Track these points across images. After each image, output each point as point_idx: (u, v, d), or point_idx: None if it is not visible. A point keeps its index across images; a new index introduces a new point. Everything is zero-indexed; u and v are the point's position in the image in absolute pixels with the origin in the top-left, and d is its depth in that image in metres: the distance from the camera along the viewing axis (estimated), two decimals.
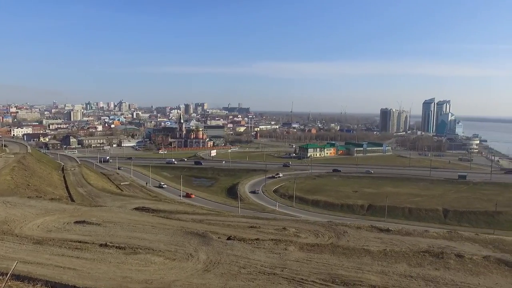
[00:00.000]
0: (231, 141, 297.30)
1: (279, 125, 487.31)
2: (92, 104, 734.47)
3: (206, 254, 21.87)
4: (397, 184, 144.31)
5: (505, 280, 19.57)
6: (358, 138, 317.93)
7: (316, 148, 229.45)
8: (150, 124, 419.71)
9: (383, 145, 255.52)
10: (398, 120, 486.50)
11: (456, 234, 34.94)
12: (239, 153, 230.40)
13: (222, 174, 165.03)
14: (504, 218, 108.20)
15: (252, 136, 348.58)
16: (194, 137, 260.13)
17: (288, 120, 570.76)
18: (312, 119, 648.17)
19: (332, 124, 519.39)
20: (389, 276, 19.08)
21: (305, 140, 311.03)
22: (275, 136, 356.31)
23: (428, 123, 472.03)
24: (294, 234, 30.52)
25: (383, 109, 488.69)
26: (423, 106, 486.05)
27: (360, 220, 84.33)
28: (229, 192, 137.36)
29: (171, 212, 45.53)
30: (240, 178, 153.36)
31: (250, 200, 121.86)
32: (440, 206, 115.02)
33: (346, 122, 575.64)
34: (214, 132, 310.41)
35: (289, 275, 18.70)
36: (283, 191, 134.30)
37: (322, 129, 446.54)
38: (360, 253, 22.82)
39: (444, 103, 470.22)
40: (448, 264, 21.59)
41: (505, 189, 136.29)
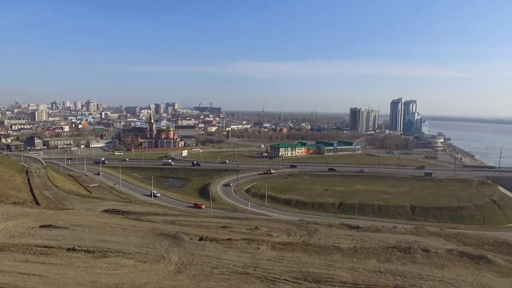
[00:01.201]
0: (202, 141, 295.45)
1: (251, 125, 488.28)
2: (58, 103, 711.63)
3: (178, 255, 21.64)
4: (367, 182, 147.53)
5: (466, 271, 20.43)
6: (329, 137, 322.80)
7: (288, 148, 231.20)
8: (120, 124, 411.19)
9: (353, 144, 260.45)
10: (367, 119, 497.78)
11: (422, 229, 36.13)
12: (211, 153, 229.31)
13: (194, 174, 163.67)
14: (467, 213, 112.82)
15: (224, 136, 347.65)
16: (165, 137, 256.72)
17: (260, 119, 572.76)
18: (283, 118, 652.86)
19: (303, 124, 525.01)
20: (359, 272, 19.49)
21: (277, 139, 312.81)
22: (246, 136, 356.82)
23: (396, 122, 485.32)
24: (266, 233, 30.67)
25: (352, 108, 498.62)
26: (391, 106, 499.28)
27: (331, 218, 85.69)
28: (201, 193, 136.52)
29: (142, 213, 44.78)
30: (212, 178, 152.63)
31: (222, 200, 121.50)
32: (408, 203, 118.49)
33: (317, 121, 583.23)
34: (185, 132, 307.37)
35: (261, 274, 18.77)
36: (255, 190, 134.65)
37: (293, 129, 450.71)
38: (331, 251, 23.19)
39: (410, 102, 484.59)
40: (415, 259, 22.28)
41: (467, 185, 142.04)
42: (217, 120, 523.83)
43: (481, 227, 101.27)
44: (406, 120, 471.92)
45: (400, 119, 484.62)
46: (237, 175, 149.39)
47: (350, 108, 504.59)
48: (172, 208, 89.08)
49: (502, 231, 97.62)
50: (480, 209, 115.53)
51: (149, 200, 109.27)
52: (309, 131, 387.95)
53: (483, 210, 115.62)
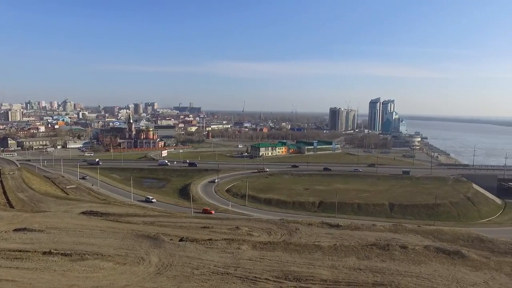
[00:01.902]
0: (182, 141, 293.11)
1: (231, 125, 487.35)
2: (33, 103, 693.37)
3: (158, 256, 21.44)
4: (346, 181, 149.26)
5: (442, 266, 21.00)
6: (309, 136, 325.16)
7: (268, 147, 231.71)
8: (98, 125, 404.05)
9: (332, 143, 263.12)
10: (346, 119, 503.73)
11: (400, 226, 36.92)
12: (191, 153, 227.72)
13: (174, 174, 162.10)
14: (443, 210, 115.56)
15: (204, 136, 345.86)
16: (144, 137, 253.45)
17: (240, 119, 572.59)
18: (264, 118, 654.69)
19: (284, 123, 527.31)
20: (339, 270, 19.75)
21: (257, 139, 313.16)
22: (227, 136, 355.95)
23: (375, 121, 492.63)
24: (247, 233, 30.72)
25: (332, 108, 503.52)
26: (370, 106, 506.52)
27: (311, 217, 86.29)
28: (181, 193, 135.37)
29: (121, 215, 44.18)
30: (192, 178, 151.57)
31: (203, 201, 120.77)
32: (386, 201, 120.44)
33: (297, 121, 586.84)
34: (165, 132, 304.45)
35: (242, 274, 18.79)
36: (235, 190, 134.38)
37: (274, 128, 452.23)
38: (312, 249, 23.41)
39: (388, 102, 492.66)
40: (394, 255, 22.74)
41: (443, 183, 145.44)
42: (197, 120, 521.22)
43: (457, 223, 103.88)
44: (385, 120, 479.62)
45: (379, 118, 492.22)
46: (217, 175, 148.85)
47: (330, 108, 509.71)
48: (152, 209, 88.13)
49: (476, 227, 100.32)
50: (455, 206, 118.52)
51: (128, 201, 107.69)
52: (289, 131, 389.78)
53: (458, 207, 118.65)
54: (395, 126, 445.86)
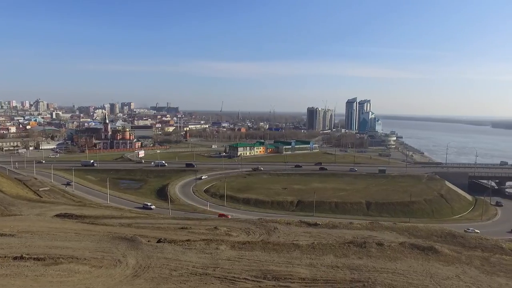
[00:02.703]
0: (160, 141, 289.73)
1: (209, 125, 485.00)
2: (3, 103, 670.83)
3: (135, 258, 21.14)
4: (324, 180, 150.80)
5: (417, 262, 21.57)
6: (287, 136, 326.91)
7: (246, 147, 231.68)
8: (72, 125, 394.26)
9: (310, 143, 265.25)
10: (324, 118, 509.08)
11: (377, 224, 37.67)
12: (169, 153, 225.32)
13: (151, 175, 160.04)
14: (417, 207, 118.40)
15: (182, 136, 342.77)
16: (120, 138, 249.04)
17: (218, 119, 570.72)
18: (242, 118, 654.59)
19: (262, 123, 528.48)
20: (317, 268, 19.98)
21: (235, 139, 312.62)
22: (205, 136, 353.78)
23: (351, 121, 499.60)
24: (225, 233, 30.68)
25: (309, 108, 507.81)
26: (346, 105, 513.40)
27: (290, 216, 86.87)
28: (159, 194, 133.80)
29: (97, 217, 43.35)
30: (170, 179, 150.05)
31: (181, 201, 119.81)
32: (363, 199, 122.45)
33: (275, 121, 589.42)
34: (142, 132, 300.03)
35: (221, 274, 18.75)
36: (214, 190, 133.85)
37: (252, 128, 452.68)
38: (290, 248, 23.59)
39: (365, 102, 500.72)
40: (370, 253, 23.17)
41: (418, 181, 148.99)
42: (175, 120, 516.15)
43: (431, 220, 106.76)
44: (361, 119, 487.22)
45: (355, 118, 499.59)
46: (195, 175, 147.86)
47: (307, 107, 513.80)
48: (129, 210, 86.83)
49: (449, 223, 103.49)
50: (430, 203, 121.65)
51: (105, 203, 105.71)
52: (267, 131, 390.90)
53: (432, 204, 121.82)
54: (371, 125, 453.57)
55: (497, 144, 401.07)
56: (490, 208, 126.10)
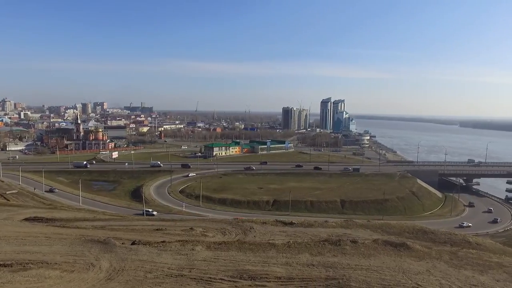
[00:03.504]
0: (134, 141, 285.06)
1: (184, 125, 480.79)
2: None
3: (109, 261, 20.73)
4: (299, 179, 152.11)
5: (390, 258, 22.11)
6: (262, 136, 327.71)
7: (222, 147, 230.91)
8: (42, 125, 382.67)
9: (285, 143, 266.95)
10: (299, 118, 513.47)
11: (351, 222, 38.34)
12: (143, 153, 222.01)
13: (125, 176, 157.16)
14: (390, 205, 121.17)
15: (156, 136, 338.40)
16: (93, 138, 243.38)
17: (193, 119, 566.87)
18: (217, 118, 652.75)
19: (237, 123, 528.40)
20: (293, 267, 20.15)
21: (210, 139, 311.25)
22: (180, 136, 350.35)
23: (326, 121, 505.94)
24: (201, 233, 30.51)
25: (285, 108, 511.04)
26: (321, 105, 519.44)
27: (266, 216, 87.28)
28: (134, 195, 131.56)
29: (69, 220, 42.29)
30: (145, 180, 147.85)
31: (156, 202, 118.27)
32: (338, 198, 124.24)
33: (250, 120, 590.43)
34: (115, 132, 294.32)
35: (197, 275, 18.64)
36: (189, 191, 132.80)
37: (227, 128, 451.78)
38: (266, 247, 23.69)
39: (339, 102, 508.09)
40: (345, 250, 23.56)
41: (390, 179, 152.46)
42: (149, 120, 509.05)
43: (403, 217, 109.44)
44: (335, 119, 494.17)
45: (330, 118, 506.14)
46: (170, 175, 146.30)
47: (283, 107, 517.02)
48: (102, 212, 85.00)
49: (420, 219, 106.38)
50: (402, 201, 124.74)
51: (77, 205, 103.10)
52: (242, 131, 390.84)
53: (404, 201, 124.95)
54: (345, 125, 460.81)
55: (465, 142, 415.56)
56: (459, 205, 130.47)
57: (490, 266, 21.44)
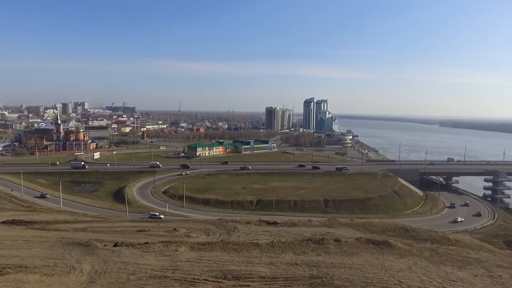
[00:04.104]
0: (116, 142, 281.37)
1: (167, 125, 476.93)
2: None
3: (91, 264, 20.41)
4: (283, 179, 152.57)
5: (372, 256, 22.39)
6: (246, 136, 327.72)
7: (205, 147, 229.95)
8: (20, 126, 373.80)
9: (269, 142, 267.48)
10: (282, 118, 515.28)
11: (335, 221, 38.70)
12: (126, 154, 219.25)
13: (107, 177, 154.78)
14: (373, 203, 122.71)
15: (139, 137, 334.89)
16: (74, 139, 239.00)
17: (176, 119, 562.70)
18: (200, 118, 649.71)
19: (220, 123, 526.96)
20: (277, 266, 20.21)
21: (194, 139, 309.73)
22: (162, 136, 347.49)
23: (309, 120, 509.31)
24: (185, 234, 30.35)
25: (268, 108, 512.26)
26: (304, 105, 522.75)
27: (249, 216, 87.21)
28: (116, 196, 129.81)
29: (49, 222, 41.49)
30: (127, 180, 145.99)
31: (139, 203, 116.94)
32: (321, 197, 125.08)
33: (234, 120, 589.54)
34: (97, 133, 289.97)
35: (181, 276, 18.52)
36: (173, 191, 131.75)
37: (211, 128, 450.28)
38: (250, 247, 23.70)
39: (322, 102, 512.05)
40: (328, 249, 23.75)
41: (373, 178, 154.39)
42: (132, 120, 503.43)
43: (385, 215, 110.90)
44: (318, 119, 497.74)
45: (313, 117, 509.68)
46: (153, 176, 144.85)
47: (266, 107, 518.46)
48: (84, 214, 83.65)
49: (401, 217, 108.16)
50: (384, 199, 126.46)
51: (57, 207, 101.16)
52: (226, 131, 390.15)
53: (386, 200, 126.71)
54: (328, 125, 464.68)
55: (444, 141, 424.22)
56: (439, 203, 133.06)
57: (469, 262, 21.96)
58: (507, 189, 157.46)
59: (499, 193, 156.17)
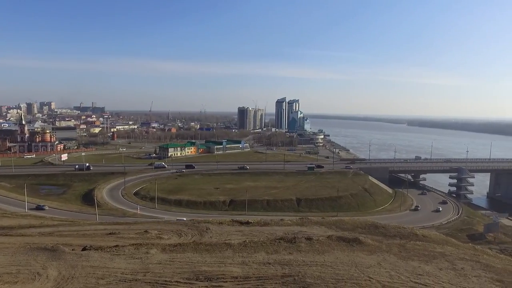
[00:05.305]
0: (85, 143, 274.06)
1: (138, 125, 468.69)
2: None
3: (57, 270, 19.77)
4: (256, 179, 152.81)
5: (343, 253, 22.79)
6: (218, 136, 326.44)
7: (177, 148, 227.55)
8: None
9: (241, 142, 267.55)
10: (254, 118, 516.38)
11: (307, 219, 39.15)
12: (95, 155, 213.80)
13: (76, 179, 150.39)
14: (344, 201, 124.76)
15: (109, 137, 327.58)
16: (40, 140, 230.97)
17: (147, 119, 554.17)
18: (172, 118, 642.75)
19: (192, 123, 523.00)
20: (250, 266, 20.22)
21: (165, 139, 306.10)
22: (133, 137, 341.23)
23: (281, 120, 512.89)
24: (156, 236, 29.91)
25: (240, 108, 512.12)
26: (276, 105, 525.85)
27: (222, 216, 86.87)
28: (85, 199, 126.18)
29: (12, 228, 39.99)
30: (97, 182, 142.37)
31: (109, 206, 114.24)
32: (294, 196, 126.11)
33: (206, 120, 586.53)
34: (64, 134, 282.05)
35: (152, 279, 18.24)
36: (144, 193, 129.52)
37: (182, 128, 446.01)
38: (222, 248, 23.62)
39: (294, 102, 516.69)
40: (300, 247, 23.98)
41: (344, 176, 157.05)
42: (101, 121, 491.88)
43: (356, 213, 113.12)
44: (290, 119, 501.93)
45: (285, 117, 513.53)
46: (124, 177, 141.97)
47: (238, 107, 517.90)
48: (51, 218, 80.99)
49: (372, 215, 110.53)
50: (355, 197, 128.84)
51: (22, 211, 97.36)
52: (198, 131, 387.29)
53: (357, 198, 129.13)
54: (300, 124, 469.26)
55: (412, 140, 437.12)
56: (408, 200, 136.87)
57: (434, 256, 22.74)
58: (470, 185, 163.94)
59: (463, 189, 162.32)
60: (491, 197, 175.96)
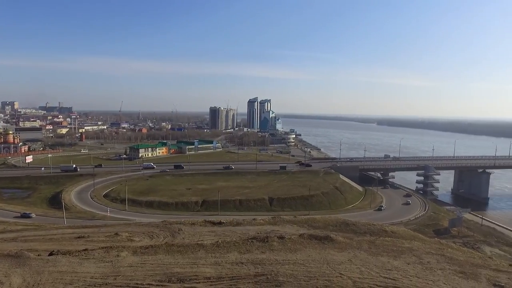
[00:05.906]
0: (51, 144, 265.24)
1: (107, 126, 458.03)
2: None
3: (22, 277, 19.06)
4: (228, 179, 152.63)
5: (315, 251, 23.14)
6: (190, 136, 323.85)
7: (148, 148, 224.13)
8: None
9: (213, 142, 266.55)
10: (226, 118, 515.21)
11: (279, 218, 39.43)
12: (62, 157, 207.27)
13: (42, 182, 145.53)
14: (316, 200, 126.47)
15: (77, 138, 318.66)
16: (2, 141, 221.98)
17: (117, 119, 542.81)
18: (143, 118, 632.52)
19: (164, 123, 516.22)
20: (222, 266, 20.19)
21: (136, 140, 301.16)
22: (103, 137, 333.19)
23: (253, 120, 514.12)
24: (127, 238, 29.37)
25: (212, 107, 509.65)
26: (248, 105, 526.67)
27: (195, 217, 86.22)
28: (52, 202, 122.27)
29: None
30: (65, 185, 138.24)
31: (78, 208, 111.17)
32: (266, 195, 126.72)
33: (177, 120, 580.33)
34: (29, 135, 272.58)
35: (123, 283, 17.90)
36: (114, 195, 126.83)
37: (153, 128, 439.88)
38: (195, 249, 23.46)
39: (265, 102, 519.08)
40: (272, 246, 24.14)
41: (315, 175, 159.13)
42: (68, 121, 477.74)
43: (328, 211, 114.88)
44: (262, 118, 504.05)
45: (257, 117, 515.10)
46: (93, 179, 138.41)
47: (210, 107, 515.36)
48: (14, 223, 78.03)
49: (343, 213, 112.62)
50: (327, 196, 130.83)
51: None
52: (169, 131, 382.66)
53: (328, 196, 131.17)
54: (272, 124, 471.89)
55: (381, 139, 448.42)
56: (377, 197, 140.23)
57: (402, 251, 23.46)
58: (436, 182, 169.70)
59: (429, 186, 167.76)
60: (455, 193, 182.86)
